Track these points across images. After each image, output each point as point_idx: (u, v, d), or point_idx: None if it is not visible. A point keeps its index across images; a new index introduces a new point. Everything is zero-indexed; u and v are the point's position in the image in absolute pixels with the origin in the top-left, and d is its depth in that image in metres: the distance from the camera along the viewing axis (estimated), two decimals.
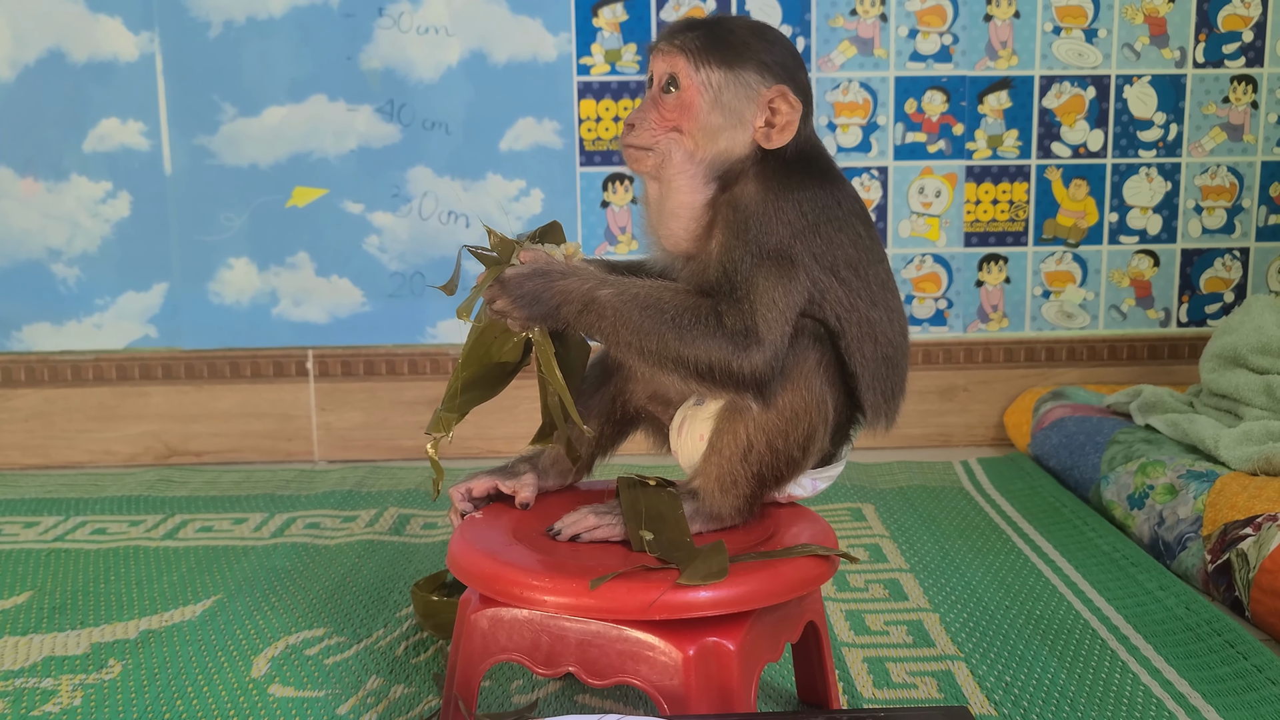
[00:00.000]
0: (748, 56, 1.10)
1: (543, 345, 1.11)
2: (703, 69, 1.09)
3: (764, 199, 1.08)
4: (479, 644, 1.06)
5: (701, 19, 1.13)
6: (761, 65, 1.10)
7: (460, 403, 1.17)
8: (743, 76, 1.09)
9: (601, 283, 1.07)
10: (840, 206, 1.11)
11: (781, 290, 1.06)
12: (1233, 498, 1.55)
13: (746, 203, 1.09)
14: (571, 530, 1.10)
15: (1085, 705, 1.20)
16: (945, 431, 2.36)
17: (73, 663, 1.34)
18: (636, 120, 1.12)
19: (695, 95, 1.09)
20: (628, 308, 1.05)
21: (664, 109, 1.11)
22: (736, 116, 1.10)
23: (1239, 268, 2.36)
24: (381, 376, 2.30)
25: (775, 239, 1.07)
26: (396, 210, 2.27)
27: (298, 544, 1.75)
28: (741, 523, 1.13)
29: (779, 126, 1.10)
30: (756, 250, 1.06)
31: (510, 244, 1.12)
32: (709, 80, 1.09)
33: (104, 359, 2.29)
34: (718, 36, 1.10)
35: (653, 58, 1.13)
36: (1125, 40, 2.27)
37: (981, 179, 2.31)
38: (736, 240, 1.07)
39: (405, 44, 2.22)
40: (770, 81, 1.10)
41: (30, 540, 1.79)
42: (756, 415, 1.07)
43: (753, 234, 1.07)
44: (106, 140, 2.23)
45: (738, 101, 1.10)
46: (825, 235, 1.09)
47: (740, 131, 1.10)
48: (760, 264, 1.06)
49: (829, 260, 1.09)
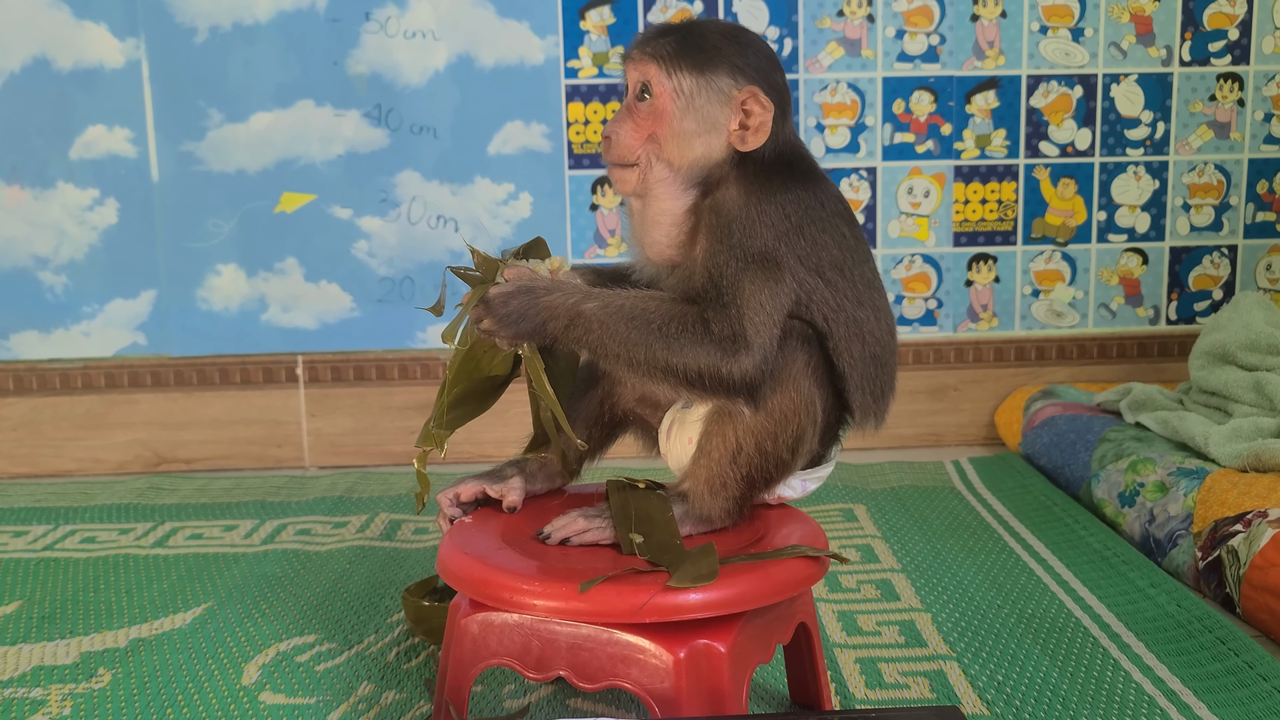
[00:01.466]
0: (720, 60, 1.09)
1: (532, 361, 1.11)
2: (674, 75, 1.09)
3: (746, 202, 1.08)
4: (469, 649, 1.06)
5: (676, 24, 1.13)
6: (734, 68, 1.09)
7: (450, 419, 1.17)
8: (714, 81, 1.09)
9: (586, 296, 1.06)
10: (824, 208, 1.11)
11: (768, 293, 1.06)
12: (1223, 494, 1.56)
13: (729, 207, 1.09)
14: (561, 534, 1.10)
15: (1077, 703, 1.20)
16: (936, 431, 2.36)
17: (62, 672, 1.33)
18: (612, 131, 1.12)
19: (668, 102, 1.09)
20: (614, 320, 1.05)
21: (638, 117, 1.11)
22: (710, 121, 1.10)
23: (1227, 265, 2.36)
24: (371, 382, 2.30)
25: (759, 242, 1.07)
26: (385, 215, 2.27)
27: (288, 550, 1.74)
28: (731, 525, 1.13)
29: (753, 128, 1.10)
30: (741, 254, 1.06)
31: (494, 262, 1.12)
32: (680, 86, 1.09)
33: (92, 367, 2.28)
34: (689, 42, 1.10)
35: (627, 66, 1.13)
36: (1112, 39, 2.28)
37: (970, 179, 2.31)
38: (720, 245, 1.07)
39: (392, 48, 2.22)
40: (743, 84, 1.10)
41: (19, 549, 1.78)
42: (747, 418, 1.07)
43: (736, 238, 1.07)
44: (93, 147, 2.22)
45: (710, 106, 1.09)
46: (809, 236, 1.09)
47: (715, 136, 1.10)
48: (746, 268, 1.06)
49: (814, 261, 1.09)
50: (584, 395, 1.24)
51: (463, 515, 1.19)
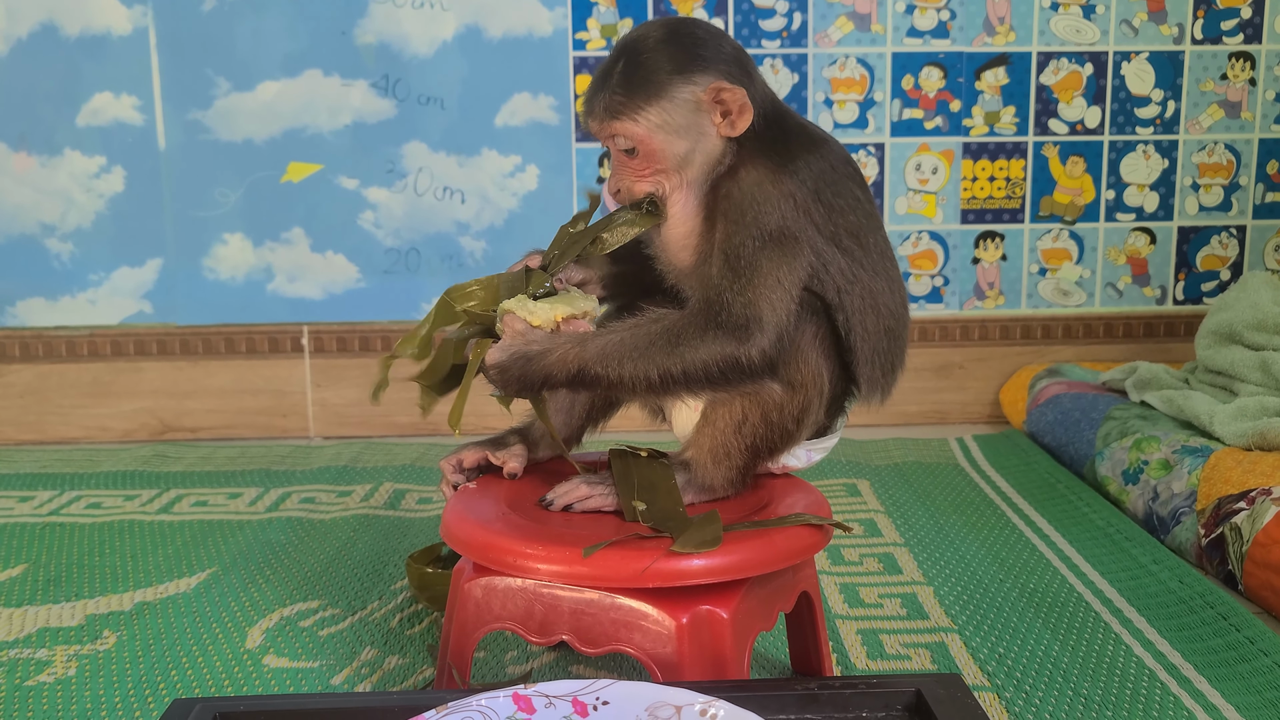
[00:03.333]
0: (666, 74, 1.07)
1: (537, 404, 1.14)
2: (640, 118, 1.08)
3: (757, 179, 1.08)
4: (473, 613, 1.06)
5: (608, 64, 1.10)
6: (684, 74, 1.08)
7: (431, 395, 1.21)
8: (676, 96, 1.08)
9: (583, 346, 1.06)
10: (835, 171, 1.10)
11: (786, 269, 1.05)
12: (1227, 472, 1.55)
13: (740, 189, 1.08)
14: (564, 500, 1.10)
15: (1078, 677, 1.20)
16: (941, 408, 2.36)
17: (67, 634, 1.34)
18: (621, 186, 1.13)
19: (652, 143, 1.09)
20: (615, 357, 1.05)
21: (636, 164, 1.11)
22: (696, 130, 1.09)
23: (1236, 245, 2.36)
24: (376, 353, 2.30)
25: (776, 218, 1.06)
26: (391, 186, 2.26)
27: (292, 518, 1.75)
28: (734, 494, 1.13)
29: (735, 113, 1.09)
30: (758, 233, 1.05)
31: (493, 290, 1.13)
32: (652, 122, 1.08)
33: (99, 335, 2.28)
34: (632, 78, 1.08)
35: (594, 132, 1.12)
36: (1123, 16, 2.27)
37: (978, 156, 2.30)
38: (736, 226, 1.06)
39: (400, 18, 2.21)
40: (701, 81, 1.08)
41: (25, 514, 1.79)
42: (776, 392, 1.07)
43: (750, 217, 1.06)
44: (100, 115, 2.22)
45: (688, 118, 1.08)
46: (825, 202, 1.08)
47: (706, 139, 1.10)
48: (763, 246, 1.05)
49: (830, 229, 1.08)
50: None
51: (466, 481, 1.19)
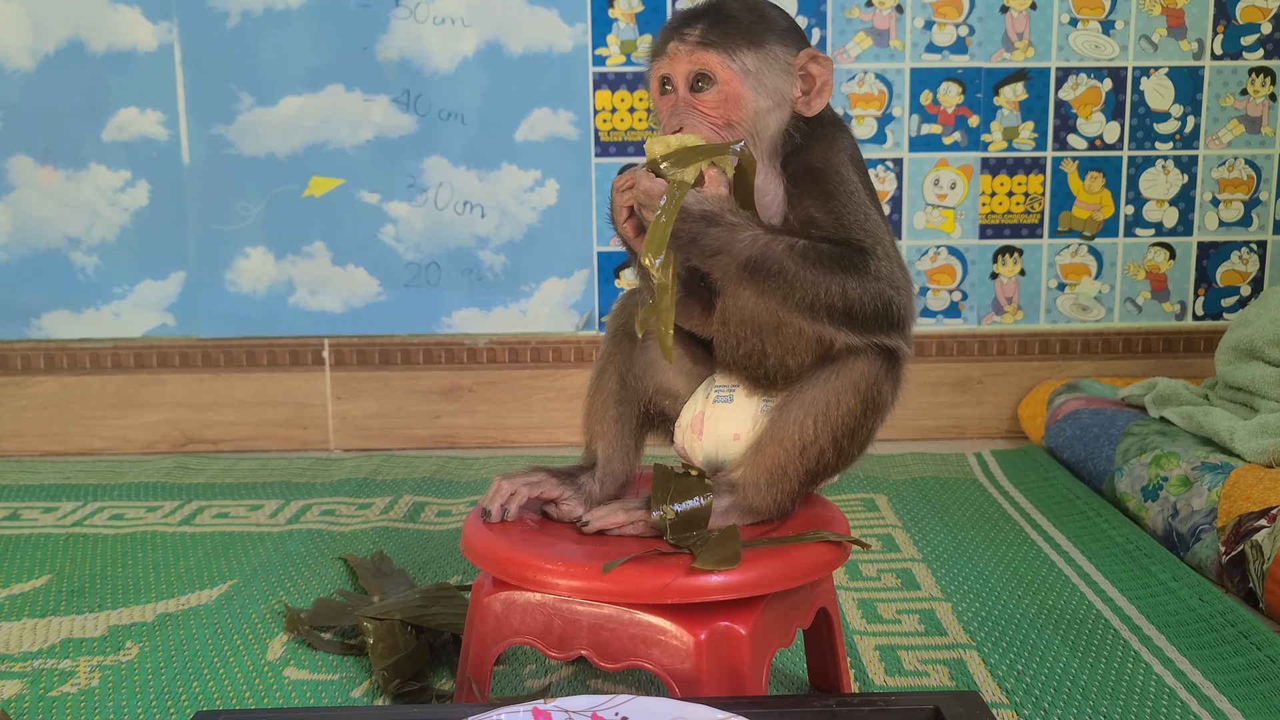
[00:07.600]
0: (764, 31, 1.07)
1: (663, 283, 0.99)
2: (736, 57, 1.05)
3: (831, 161, 1.06)
4: (492, 627, 1.07)
5: (697, 9, 1.08)
6: (780, 36, 1.07)
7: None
8: (771, 52, 1.06)
9: (756, 237, 0.99)
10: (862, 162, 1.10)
11: (891, 241, 1.05)
12: (1247, 489, 1.55)
13: (821, 169, 1.06)
14: (600, 524, 1.08)
15: (1098, 695, 1.20)
16: (959, 423, 2.36)
17: (90, 644, 1.35)
18: (683, 127, 1.05)
19: (738, 85, 1.05)
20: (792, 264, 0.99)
21: (706, 106, 1.06)
22: (779, 94, 1.07)
23: (1256, 261, 2.35)
24: (396, 366, 2.31)
25: (859, 199, 1.05)
26: (412, 200, 2.28)
27: (313, 530, 1.76)
28: (780, 519, 1.09)
29: (816, 89, 1.08)
30: (855, 208, 1.04)
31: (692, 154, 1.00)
32: (745, 66, 1.05)
33: (122, 347, 2.30)
34: (730, 20, 1.06)
35: (665, 60, 1.07)
36: (1142, 32, 2.27)
37: (997, 171, 2.31)
38: (835, 201, 1.04)
39: (421, 34, 2.23)
40: (794, 49, 1.08)
41: (49, 525, 1.80)
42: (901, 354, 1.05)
43: (842, 194, 1.04)
44: (125, 130, 2.24)
45: (775, 78, 1.07)
46: (871, 191, 1.08)
47: (782, 109, 1.08)
48: (868, 218, 1.04)
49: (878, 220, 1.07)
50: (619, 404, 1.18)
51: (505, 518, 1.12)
